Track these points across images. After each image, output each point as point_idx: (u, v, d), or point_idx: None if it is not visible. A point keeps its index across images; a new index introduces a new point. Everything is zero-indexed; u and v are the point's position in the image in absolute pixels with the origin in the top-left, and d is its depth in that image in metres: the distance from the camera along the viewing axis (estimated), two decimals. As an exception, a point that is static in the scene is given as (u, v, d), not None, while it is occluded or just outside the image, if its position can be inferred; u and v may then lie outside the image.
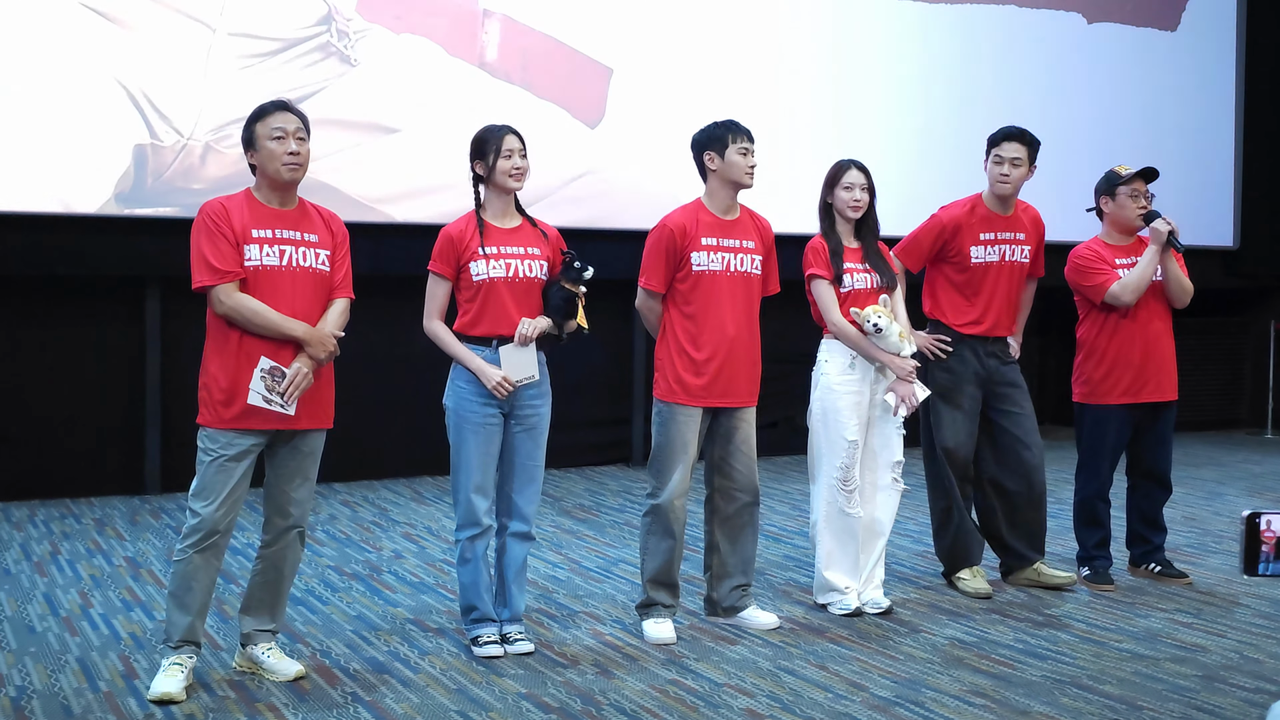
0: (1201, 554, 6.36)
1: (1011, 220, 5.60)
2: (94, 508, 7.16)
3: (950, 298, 5.60)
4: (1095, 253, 5.70)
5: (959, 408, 5.56)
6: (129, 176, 7.11)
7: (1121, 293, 5.60)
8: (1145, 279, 5.60)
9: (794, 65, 8.82)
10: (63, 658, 4.58)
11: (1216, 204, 10.53)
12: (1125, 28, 10.11)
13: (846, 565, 5.23)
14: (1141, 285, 5.59)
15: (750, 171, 4.93)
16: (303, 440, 4.31)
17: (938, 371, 5.54)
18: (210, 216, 4.18)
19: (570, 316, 4.69)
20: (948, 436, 5.56)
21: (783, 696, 4.29)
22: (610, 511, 7.31)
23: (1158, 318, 5.71)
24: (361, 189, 7.59)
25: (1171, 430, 5.83)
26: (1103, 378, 5.71)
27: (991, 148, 5.56)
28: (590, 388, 8.60)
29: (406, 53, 7.73)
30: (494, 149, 4.62)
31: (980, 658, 4.73)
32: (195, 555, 4.19)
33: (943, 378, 5.54)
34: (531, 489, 4.72)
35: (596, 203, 8.17)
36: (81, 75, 6.99)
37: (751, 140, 4.95)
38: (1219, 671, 4.61)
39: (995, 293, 5.57)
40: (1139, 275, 5.60)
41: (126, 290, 7.48)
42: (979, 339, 5.58)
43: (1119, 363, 5.67)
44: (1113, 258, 5.69)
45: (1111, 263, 5.67)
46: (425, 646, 4.79)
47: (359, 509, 7.27)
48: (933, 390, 5.49)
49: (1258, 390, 10.95)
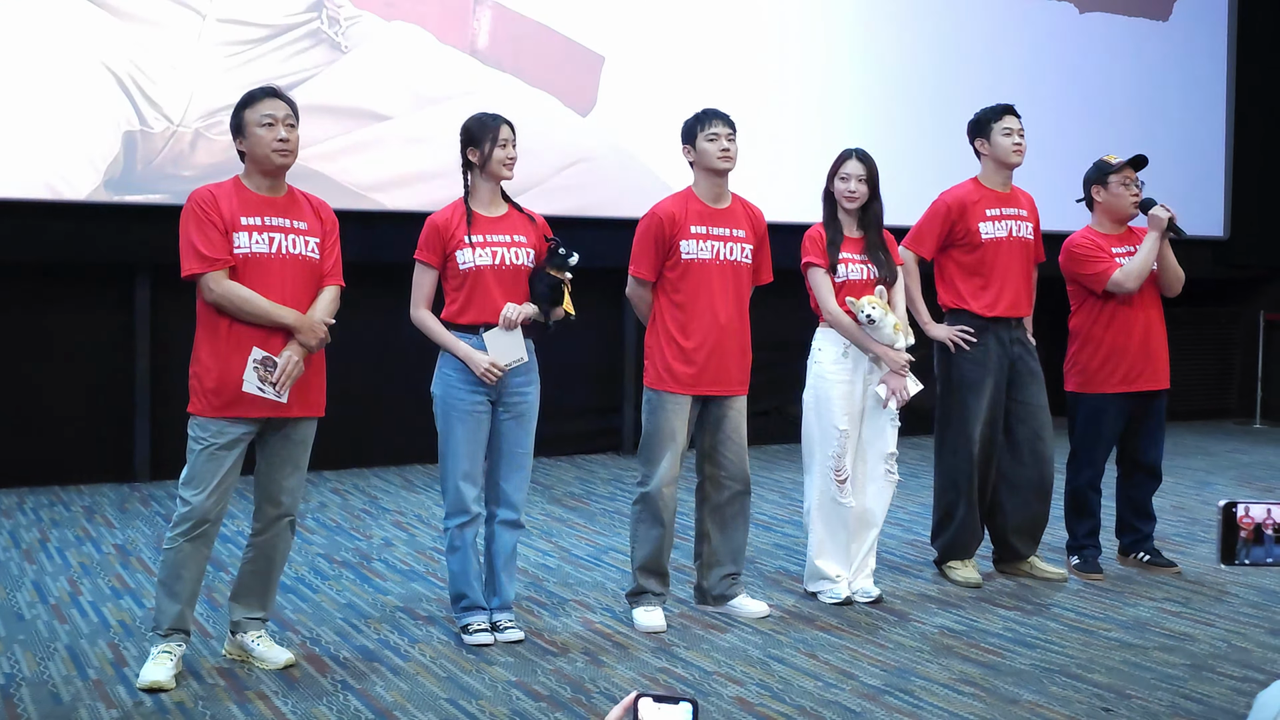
0: (1190, 543, 6.38)
1: (1011, 198, 5.60)
2: (83, 495, 7.15)
3: (965, 282, 5.55)
4: (1093, 241, 5.70)
5: (984, 398, 5.51)
6: (118, 163, 7.09)
7: (1125, 280, 5.59)
8: (1148, 265, 5.60)
9: (787, 53, 8.81)
10: (52, 645, 4.57)
11: (1207, 194, 10.55)
12: (1117, 18, 10.11)
13: (837, 554, 5.23)
14: (1144, 272, 5.59)
15: (723, 155, 4.90)
16: (294, 428, 4.30)
17: (964, 362, 5.51)
18: (199, 204, 4.17)
19: (556, 304, 4.68)
20: (973, 428, 5.52)
21: (772, 685, 4.30)
22: (600, 500, 7.32)
23: (1151, 306, 5.73)
24: (352, 176, 7.57)
25: (1163, 419, 5.84)
26: (1099, 367, 5.71)
27: (993, 122, 5.53)
28: (581, 376, 8.60)
29: (397, 40, 7.71)
30: (490, 138, 4.61)
31: (969, 646, 4.74)
32: (185, 543, 4.19)
33: (969, 369, 5.51)
34: (520, 476, 4.72)
35: (588, 191, 8.15)
36: (71, 61, 6.96)
37: (725, 125, 4.91)
38: (1207, 660, 4.62)
39: (1010, 270, 5.53)
40: (1142, 261, 5.59)
41: (116, 277, 7.47)
42: (1002, 323, 5.54)
43: (1115, 352, 5.68)
44: (1108, 246, 5.69)
45: (1108, 251, 5.68)
46: (415, 634, 4.79)
47: (349, 497, 7.26)
48: (958, 382, 5.47)
49: (1247, 380, 10.98)
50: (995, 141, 5.54)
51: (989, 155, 5.57)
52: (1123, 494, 5.89)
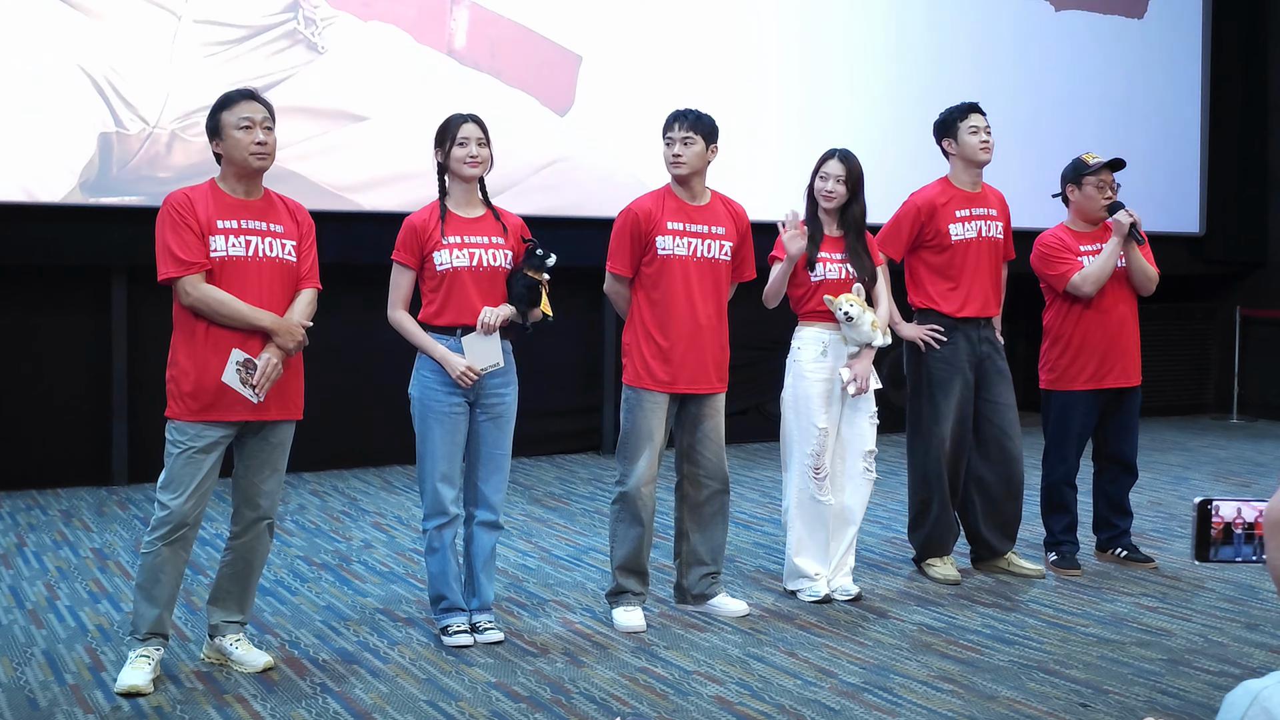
0: (1167, 538, 6.42)
1: (981, 197, 5.63)
2: (60, 499, 7.11)
3: (935, 284, 5.58)
4: (1060, 240, 5.75)
5: (954, 396, 5.54)
6: (94, 165, 7.05)
7: (1082, 284, 5.66)
8: (1106, 270, 5.65)
9: (763, 54, 8.82)
10: (29, 650, 4.55)
11: (1183, 190, 10.60)
12: (1092, 15, 10.15)
13: (816, 552, 5.25)
14: (1102, 276, 5.65)
15: (674, 161, 4.90)
16: (272, 431, 4.29)
17: (933, 361, 5.54)
18: (175, 207, 4.16)
19: (534, 304, 4.68)
20: (944, 426, 5.54)
21: (752, 684, 4.31)
22: (580, 500, 7.31)
23: (1123, 303, 5.77)
24: (329, 177, 7.55)
25: (1137, 415, 5.88)
26: (1069, 364, 5.75)
27: (959, 121, 5.55)
28: (561, 375, 8.59)
29: (374, 40, 7.69)
30: (450, 137, 4.62)
31: (948, 643, 4.76)
32: (163, 547, 4.17)
33: (939, 367, 5.54)
34: (498, 478, 4.72)
35: (566, 190, 8.15)
36: (46, 63, 6.92)
37: (684, 127, 4.89)
38: (1183, 655, 4.65)
39: (978, 271, 5.57)
40: (1100, 267, 5.65)
41: (92, 279, 7.43)
42: (971, 323, 5.57)
43: (1085, 349, 5.72)
44: (1077, 245, 5.74)
45: (1076, 250, 5.72)
46: (395, 636, 4.78)
47: (328, 498, 7.24)
48: (928, 380, 5.51)
49: (1223, 375, 11.04)
50: (963, 140, 5.56)
51: (957, 154, 5.60)
52: (1099, 490, 5.93)
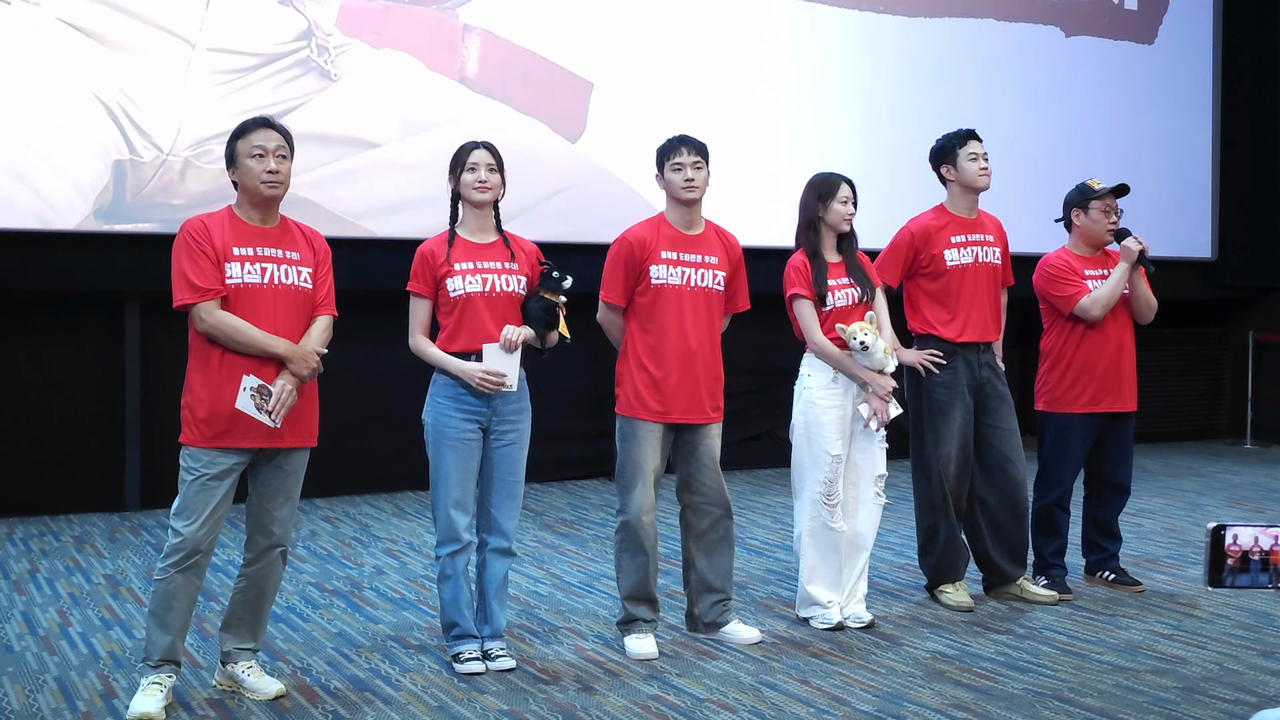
0: (1181, 564, 6.39)
1: (977, 224, 5.64)
2: (73, 525, 7.13)
3: (932, 310, 5.59)
4: (1066, 263, 5.78)
5: (955, 421, 5.53)
6: (108, 192, 7.09)
7: (1091, 306, 5.67)
8: (1115, 295, 5.67)
9: (774, 80, 8.85)
10: (41, 677, 4.56)
11: (1195, 215, 10.59)
12: (1103, 41, 10.16)
13: (829, 579, 5.24)
14: (1111, 301, 5.67)
15: (686, 185, 4.89)
16: (286, 459, 4.30)
17: (934, 386, 5.54)
18: (191, 234, 4.18)
19: (551, 327, 4.70)
20: (945, 451, 5.54)
21: (765, 711, 4.30)
22: (592, 526, 7.31)
23: (1123, 329, 5.81)
24: (342, 204, 7.58)
25: (1131, 440, 5.93)
26: (1068, 387, 5.78)
27: (958, 147, 5.57)
28: (572, 401, 8.58)
29: (387, 68, 7.73)
30: (462, 163, 4.65)
31: (962, 671, 4.74)
32: (176, 574, 4.18)
33: (939, 392, 5.54)
34: (511, 504, 4.72)
35: (578, 217, 8.16)
36: (60, 91, 6.96)
37: (693, 152, 4.89)
38: (1199, 683, 4.63)
39: (976, 296, 5.57)
40: (1109, 291, 5.67)
41: (106, 306, 7.46)
42: (970, 348, 5.57)
43: (1084, 373, 5.75)
44: (1082, 269, 5.77)
45: (1081, 274, 5.76)
46: (407, 664, 4.78)
47: (340, 524, 7.24)
48: (928, 405, 5.50)
49: (1237, 401, 10.99)
50: (962, 167, 5.58)
51: (955, 181, 5.61)
52: (1089, 513, 5.96)
